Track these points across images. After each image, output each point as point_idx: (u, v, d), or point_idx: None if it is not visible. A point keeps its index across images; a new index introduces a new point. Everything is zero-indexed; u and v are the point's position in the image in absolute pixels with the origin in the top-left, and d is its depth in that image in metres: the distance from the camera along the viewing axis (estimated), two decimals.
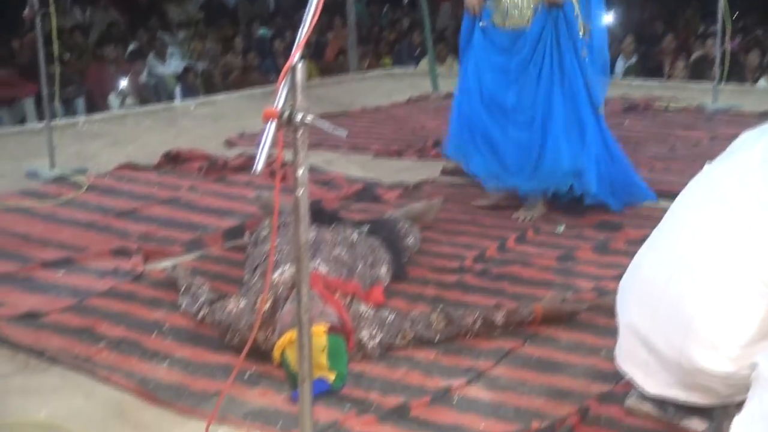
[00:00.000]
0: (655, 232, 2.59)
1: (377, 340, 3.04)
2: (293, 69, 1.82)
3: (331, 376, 2.72)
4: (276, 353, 2.80)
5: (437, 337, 3.13)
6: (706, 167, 2.53)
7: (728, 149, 2.56)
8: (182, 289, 3.46)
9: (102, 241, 4.24)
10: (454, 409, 2.75)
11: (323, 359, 2.68)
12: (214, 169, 5.47)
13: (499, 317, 3.17)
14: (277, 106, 1.83)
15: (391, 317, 3.12)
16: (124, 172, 5.48)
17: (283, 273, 3.08)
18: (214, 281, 3.66)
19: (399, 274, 3.66)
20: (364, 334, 3.03)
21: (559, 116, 4.25)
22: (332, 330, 2.74)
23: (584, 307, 3.37)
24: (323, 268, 3.15)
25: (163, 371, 3.00)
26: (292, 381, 2.75)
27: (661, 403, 2.55)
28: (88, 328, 3.32)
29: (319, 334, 2.71)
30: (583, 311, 3.36)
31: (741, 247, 2.27)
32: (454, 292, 3.64)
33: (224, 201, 4.91)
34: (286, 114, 1.83)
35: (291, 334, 2.71)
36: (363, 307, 3.09)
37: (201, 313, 3.26)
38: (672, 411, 2.54)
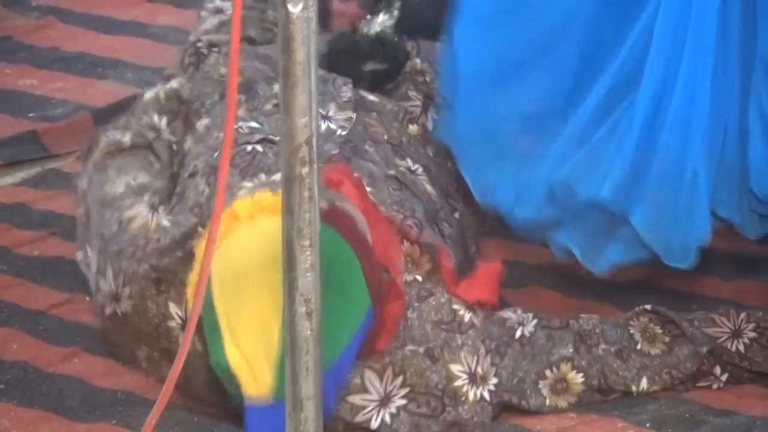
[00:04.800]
0: None
1: (491, 385, 2.40)
2: None
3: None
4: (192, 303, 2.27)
5: (646, 384, 2.40)
6: None
7: None
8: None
9: None
10: None
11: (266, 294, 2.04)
12: None
13: None
14: None
15: (533, 330, 2.45)
16: None
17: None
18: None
19: None
20: (460, 369, 2.37)
21: None
22: (332, 215, 2.15)
23: None
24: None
25: None
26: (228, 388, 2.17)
27: None
28: None
29: (258, 207, 2.19)
30: None
31: None
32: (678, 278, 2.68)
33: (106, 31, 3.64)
34: None
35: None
36: (456, 304, 2.44)
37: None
38: None
